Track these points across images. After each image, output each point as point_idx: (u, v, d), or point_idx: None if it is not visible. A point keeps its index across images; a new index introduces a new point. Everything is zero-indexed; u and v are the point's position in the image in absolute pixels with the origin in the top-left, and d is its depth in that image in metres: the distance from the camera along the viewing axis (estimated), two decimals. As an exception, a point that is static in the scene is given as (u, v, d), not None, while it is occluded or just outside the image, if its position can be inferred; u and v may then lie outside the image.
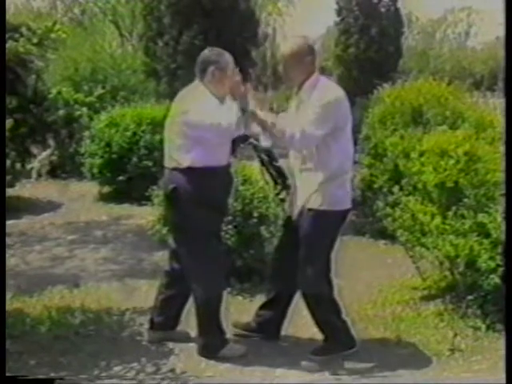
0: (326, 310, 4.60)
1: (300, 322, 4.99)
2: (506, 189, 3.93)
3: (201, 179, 4.38)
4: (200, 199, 4.39)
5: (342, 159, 4.50)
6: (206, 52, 4.62)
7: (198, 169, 4.38)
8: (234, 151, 4.72)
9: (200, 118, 4.31)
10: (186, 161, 4.40)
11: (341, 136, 4.48)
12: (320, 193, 4.43)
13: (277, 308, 4.87)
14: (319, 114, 4.32)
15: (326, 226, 4.47)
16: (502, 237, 4.66)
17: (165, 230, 6.14)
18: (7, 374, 3.55)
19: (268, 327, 4.89)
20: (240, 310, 5.33)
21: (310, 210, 4.45)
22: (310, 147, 4.42)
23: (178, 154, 4.45)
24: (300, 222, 4.52)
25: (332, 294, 4.63)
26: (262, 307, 4.94)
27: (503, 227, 4.65)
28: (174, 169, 4.47)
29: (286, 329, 4.96)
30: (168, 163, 4.56)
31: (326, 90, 4.46)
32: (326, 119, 4.34)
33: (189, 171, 4.39)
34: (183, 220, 4.50)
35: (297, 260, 4.51)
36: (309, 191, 4.47)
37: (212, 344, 4.63)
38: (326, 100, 4.37)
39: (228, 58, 4.58)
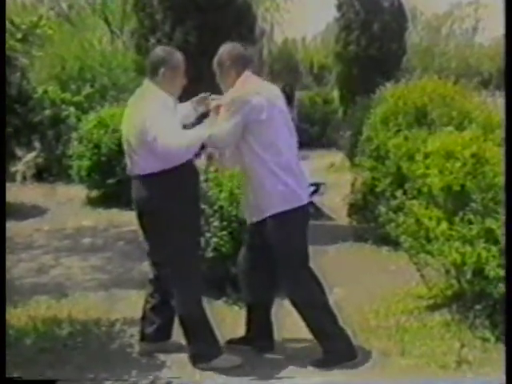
0: (319, 317, 4.61)
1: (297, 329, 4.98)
2: (506, 189, 3.93)
3: (170, 179, 4.43)
4: (174, 199, 4.44)
5: (272, 153, 4.52)
6: (157, 50, 4.77)
7: (165, 170, 4.42)
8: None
9: (157, 133, 4.30)
10: (152, 165, 4.44)
11: (260, 128, 4.52)
12: (265, 194, 4.51)
13: (258, 316, 4.88)
14: (226, 110, 4.52)
15: (286, 229, 4.52)
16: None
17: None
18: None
19: (260, 339, 4.90)
20: (236, 319, 5.33)
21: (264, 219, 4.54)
22: (228, 142, 4.56)
23: (142, 160, 4.50)
24: (259, 226, 4.59)
25: (324, 299, 4.65)
26: (248, 323, 4.95)
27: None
28: (141, 176, 4.52)
29: (285, 338, 4.96)
30: (133, 170, 4.63)
31: (236, 88, 4.62)
32: (233, 112, 4.48)
33: (157, 175, 4.44)
34: (158, 225, 4.53)
35: (266, 265, 4.61)
36: (254, 194, 4.58)
37: (203, 353, 4.62)
38: (232, 95, 4.57)
39: (179, 56, 4.69)
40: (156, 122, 4.32)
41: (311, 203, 4.87)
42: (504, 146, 3.94)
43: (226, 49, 4.78)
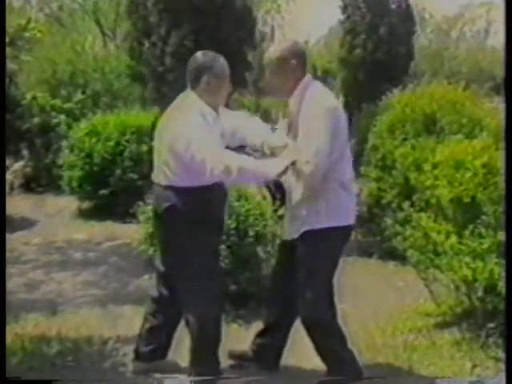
0: (329, 339, 4.60)
1: (302, 352, 4.99)
2: (506, 190, 3.94)
3: (196, 198, 4.39)
4: (196, 218, 4.40)
5: (341, 166, 4.49)
6: (199, 56, 4.55)
7: (194, 188, 4.38)
8: None
9: (191, 149, 4.21)
10: (181, 180, 4.40)
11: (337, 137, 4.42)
12: (312, 209, 4.44)
13: (275, 336, 4.88)
14: (319, 126, 4.27)
15: (326, 245, 4.46)
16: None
17: (151, 251, 6.15)
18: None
19: (266, 356, 4.90)
20: (235, 338, 5.33)
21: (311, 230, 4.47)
22: (325, 170, 4.34)
23: (172, 173, 4.43)
24: (297, 241, 4.54)
25: (335, 320, 4.63)
26: (260, 335, 4.96)
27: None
28: (168, 187, 4.46)
29: (287, 358, 4.97)
30: (159, 179, 4.54)
31: (319, 96, 4.42)
32: (328, 130, 4.28)
33: (184, 190, 4.40)
34: (177, 240, 4.50)
35: (295, 283, 4.53)
36: (300, 207, 4.49)
37: (204, 374, 4.62)
38: (322, 107, 4.32)
39: (223, 62, 4.54)
40: (195, 138, 4.22)
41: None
42: (505, 149, 3.94)
43: (285, 44, 4.54)
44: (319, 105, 4.33)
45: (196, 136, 4.25)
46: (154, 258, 5.30)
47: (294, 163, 4.30)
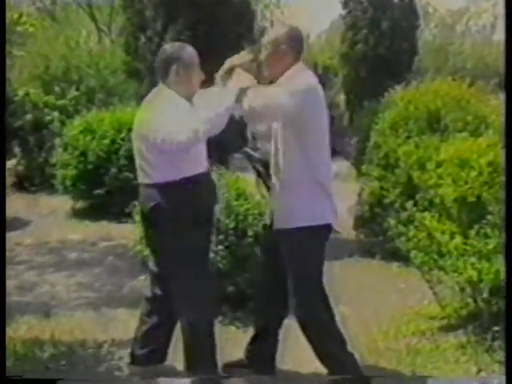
0: (327, 341, 4.61)
1: (303, 356, 4.99)
2: (506, 190, 3.95)
3: (180, 193, 4.41)
4: (182, 215, 4.42)
5: (310, 165, 4.51)
6: (166, 48, 4.66)
7: (176, 182, 4.41)
8: (226, 161, 4.76)
9: (171, 136, 4.18)
10: (162, 175, 4.43)
11: (315, 131, 4.51)
12: (292, 207, 4.48)
13: (267, 340, 4.89)
14: (287, 92, 4.32)
15: (309, 244, 4.50)
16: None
17: (147, 251, 6.14)
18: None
19: (261, 361, 4.91)
20: (233, 341, 5.33)
21: (285, 228, 4.52)
22: (274, 118, 4.46)
23: (153, 169, 4.48)
24: (281, 241, 4.58)
25: (333, 322, 4.64)
26: (252, 342, 4.96)
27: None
28: (150, 185, 4.50)
29: (288, 362, 4.97)
30: (142, 178, 4.59)
31: (301, 78, 4.48)
32: (294, 98, 4.31)
33: (167, 186, 4.42)
34: (167, 239, 4.52)
35: (283, 283, 4.56)
36: (281, 205, 4.55)
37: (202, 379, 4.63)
38: (298, 86, 4.37)
39: (191, 51, 4.60)
40: (163, 121, 4.24)
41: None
42: (505, 147, 3.95)
43: (281, 29, 4.61)
44: (296, 83, 4.39)
45: (166, 121, 4.25)
46: (147, 259, 5.31)
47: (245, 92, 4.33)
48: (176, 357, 4.85)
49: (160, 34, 9.11)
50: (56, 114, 12.50)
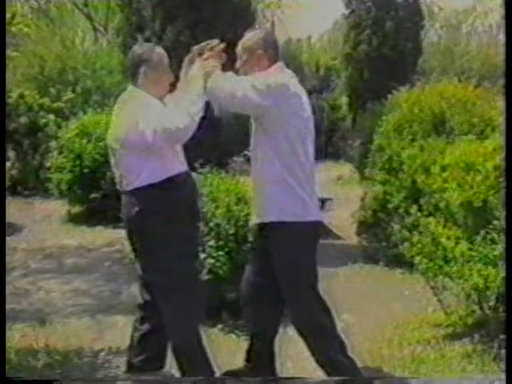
0: (326, 346, 4.62)
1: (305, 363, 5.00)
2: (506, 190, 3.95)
3: (162, 196, 4.44)
4: (165, 219, 4.44)
5: (294, 158, 4.53)
6: (135, 49, 4.72)
7: (157, 184, 4.43)
8: (226, 165, 4.78)
9: (165, 125, 4.27)
10: (145, 178, 4.45)
11: (288, 125, 4.51)
12: (265, 203, 4.55)
13: (264, 348, 4.90)
14: (262, 85, 4.41)
15: (290, 241, 4.52)
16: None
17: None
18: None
19: (260, 367, 4.92)
20: (233, 349, 5.34)
21: (267, 224, 4.56)
22: (246, 111, 4.58)
23: (130, 172, 4.50)
24: (266, 241, 4.62)
25: (332, 326, 4.65)
26: (249, 352, 4.96)
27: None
28: (132, 191, 4.52)
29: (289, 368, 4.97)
30: (123, 186, 4.61)
31: (273, 76, 4.55)
32: (268, 93, 4.40)
33: (148, 189, 4.45)
34: (150, 245, 4.54)
35: (273, 287, 4.59)
36: (257, 200, 4.63)
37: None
38: (272, 80, 4.46)
39: (160, 52, 4.65)
40: (147, 117, 4.31)
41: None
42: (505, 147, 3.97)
43: (257, 34, 4.76)
44: (267, 80, 4.47)
45: (152, 115, 4.32)
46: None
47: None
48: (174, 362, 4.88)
49: (158, 34, 9.12)
50: (51, 116, 12.51)
